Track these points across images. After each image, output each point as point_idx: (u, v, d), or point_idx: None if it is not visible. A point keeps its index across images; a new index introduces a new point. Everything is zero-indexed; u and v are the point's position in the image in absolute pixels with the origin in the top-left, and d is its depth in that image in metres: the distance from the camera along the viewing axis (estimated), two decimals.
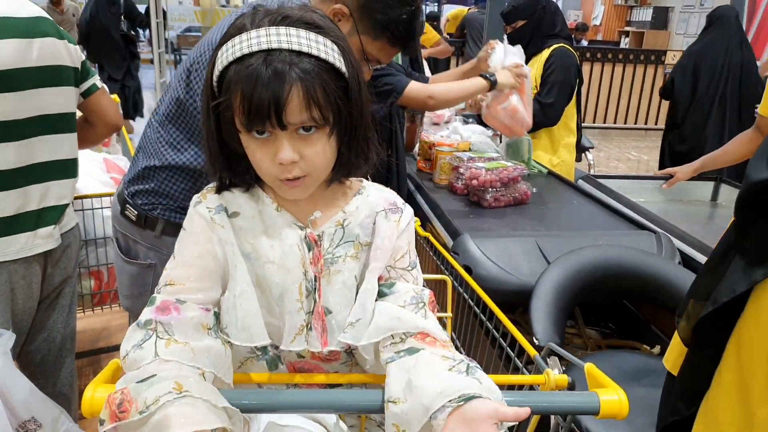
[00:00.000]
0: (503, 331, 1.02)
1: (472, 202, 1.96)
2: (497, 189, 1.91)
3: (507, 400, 0.66)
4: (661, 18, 9.33)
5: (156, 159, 1.17)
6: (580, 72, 2.57)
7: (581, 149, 2.86)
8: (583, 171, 2.81)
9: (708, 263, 0.92)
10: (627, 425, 1.14)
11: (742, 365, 0.79)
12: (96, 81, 1.43)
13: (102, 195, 1.90)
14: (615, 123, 7.74)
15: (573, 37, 2.87)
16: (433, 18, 6.88)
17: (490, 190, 1.90)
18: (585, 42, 8.65)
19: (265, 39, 0.68)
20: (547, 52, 2.48)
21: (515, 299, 1.47)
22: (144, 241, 1.21)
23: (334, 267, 0.77)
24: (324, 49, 0.69)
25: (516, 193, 1.94)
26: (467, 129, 2.56)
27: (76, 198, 1.71)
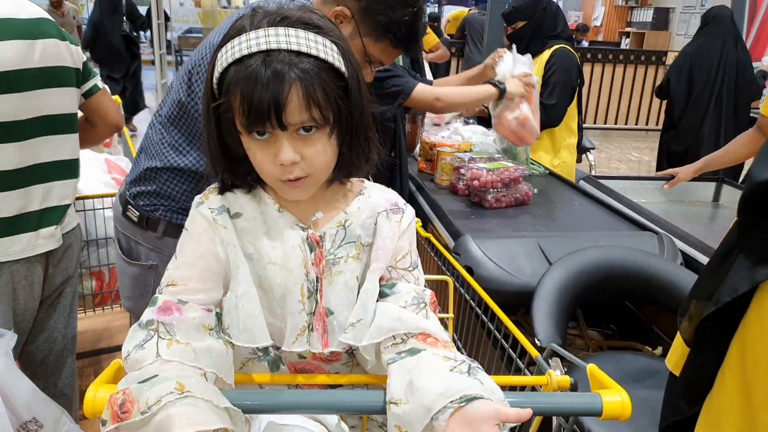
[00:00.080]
0: (505, 332, 1.02)
1: (473, 202, 1.95)
2: (498, 190, 1.91)
3: (509, 401, 0.65)
4: (662, 19, 9.32)
5: (158, 160, 1.17)
6: (581, 73, 2.57)
7: (582, 150, 2.85)
8: (584, 172, 2.80)
9: (710, 263, 0.92)
10: (629, 426, 1.14)
11: (745, 366, 0.79)
12: (97, 82, 1.44)
13: (103, 195, 1.90)
14: (616, 124, 7.74)
15: (574, 38, 2.86)
16: (434, 19, 6.88)
17: (491, 190, 1.90)
18: (586, 43, 8.65)
19: (264, 40, 0.68)
20: (548, 52, 2.48)
21: (517, 300, 1.46)
22: (145, 242, 1.22)
23: (335, 268, 0.77)
24: (323, 49, 0.69)
25: (517, 194, 1.94)
26: (468, 130, 2.56)
27: (77, 198, 1.71)
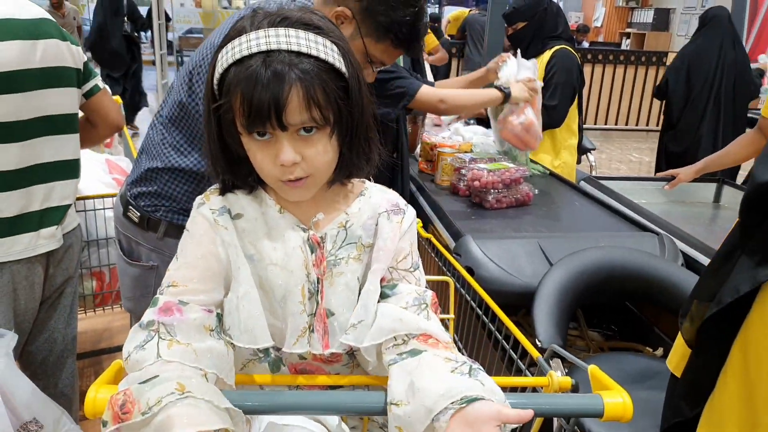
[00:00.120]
0: (506, 333, 1.01)
1: (474, 203, 1.95)
2: (499, 190, 1.90)
3: (510, 402, 0.65)
4: (663, 19, 9.32)
5: (159, 161, 1.17)
6: (581, 73, 2.57)
7: (582, 151, 2.85)
8: (585, 173, 2.80)
9: (712, 264, 0.92)
10: (630, 428, 1.13)
11: (747, 367, 0.79)
12: (98, 82, 1.44)
13: (104, 196, 1.90)
14: (616, 124, 7.74)
15: (574, 39, 2.86)
16: (434, 20, 6.88)
17: (492, 191, 1.90)
18: (586, 43, 8.65)
19: (264, 40, 0.68)
20: (549, 53, 2.47)
21: (517, 301, 1.46)
22: (146, 243, 1.21)
23: (336, 269, 0.77)
24: (323, 50, 0.69)
25: (518, 195, 1.94)
26: (469, 130, 2.56)
27: (78, 199, 1.71)
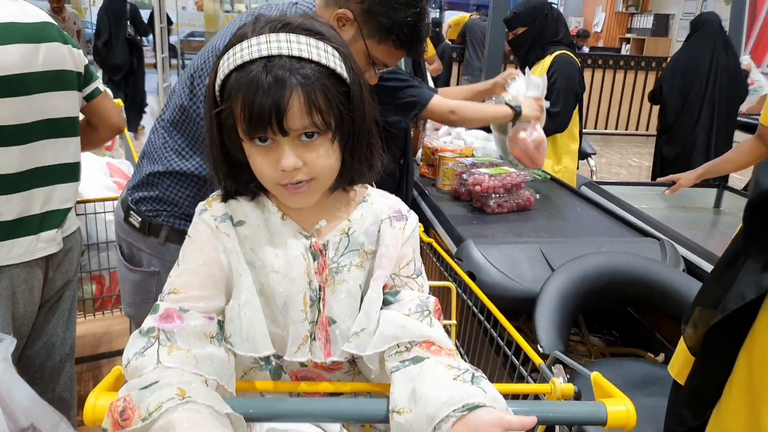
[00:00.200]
0: (507, 339, 1.01)
1: (475, 207, 1.95)
2: (500, 195, 1.90)
3: (513, 410, 0.65)
4: (662, 25, 9.34)
5: (160, 165, 1.16)
6: (582, 78, 2.57)
7: (582, 155, 2.85)
8: (585, 177, 2.80)
9: (715, 270, 0.91)
10: None
11: (752, 376, 0.78)
12: (99, 85, 1.44)
13: (105, 199, 1.90)
14: (616, 129, 7.75)
15: (575, 44, 2.87)
16: (435, 24, 6.89)
17: (493, 196, 1.89)
18: (586, 48, 8.67)
19: (266, 46, 0.67)
20: (550, 59, 2.47)
21: (519, 306, 1.46)
22: (148, 249, 1.21)
23: (338, 276, 0.77)
24: (325, 55, 0.69)
25: (519, 199, 1.94)
26: (470, 135, 2.56)
27: (78, 202, 1.70)
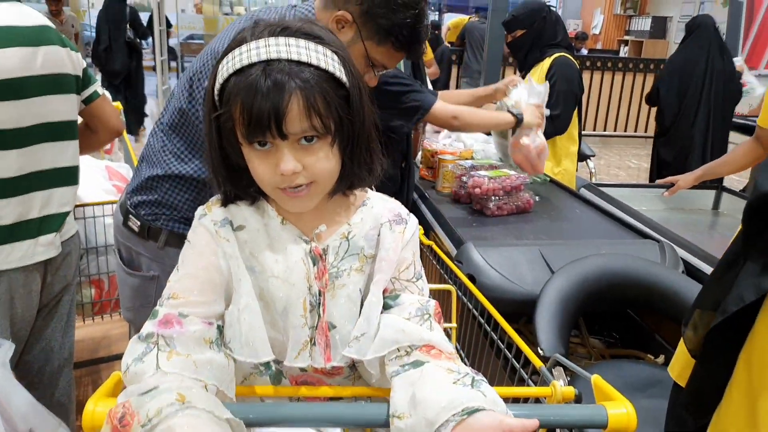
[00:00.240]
0: (508, 342, 1.01)
1: (475, 210, 1.95)
2: (500, 197, 1.90)
3: (514, 413, 0.65)
4: (660, 27, 9.36)
5: (159, 168, 1.16)
6: (581, 80, 2.57)
7: (581, 157, 2.85)
8: (584, 179, 2.80)
9: (714, 273, 0.91)
10: None
11: (751, 378, 0.78)
12: (97, 88, 1.44)
13: (103, 203, 1.90)
14: (615, 131, 7.76)
15: (573, 46, 2.88)
16: (434, 27, 6.90)
17: (493, 198, 1.89)
18: (585, 51, 8.68)
19: (264, 50, 0.67)
20: (548, 61, 2.48)
21: (519, 309, 1.45)
22: (147, 253, 1.20)
23: (338, 281, 0.76)
24: (324, 59, 0.69)
25: (519, 202, 1.94)
26: (470, 137, 2.56)
27: (77, 206, 1.70)
